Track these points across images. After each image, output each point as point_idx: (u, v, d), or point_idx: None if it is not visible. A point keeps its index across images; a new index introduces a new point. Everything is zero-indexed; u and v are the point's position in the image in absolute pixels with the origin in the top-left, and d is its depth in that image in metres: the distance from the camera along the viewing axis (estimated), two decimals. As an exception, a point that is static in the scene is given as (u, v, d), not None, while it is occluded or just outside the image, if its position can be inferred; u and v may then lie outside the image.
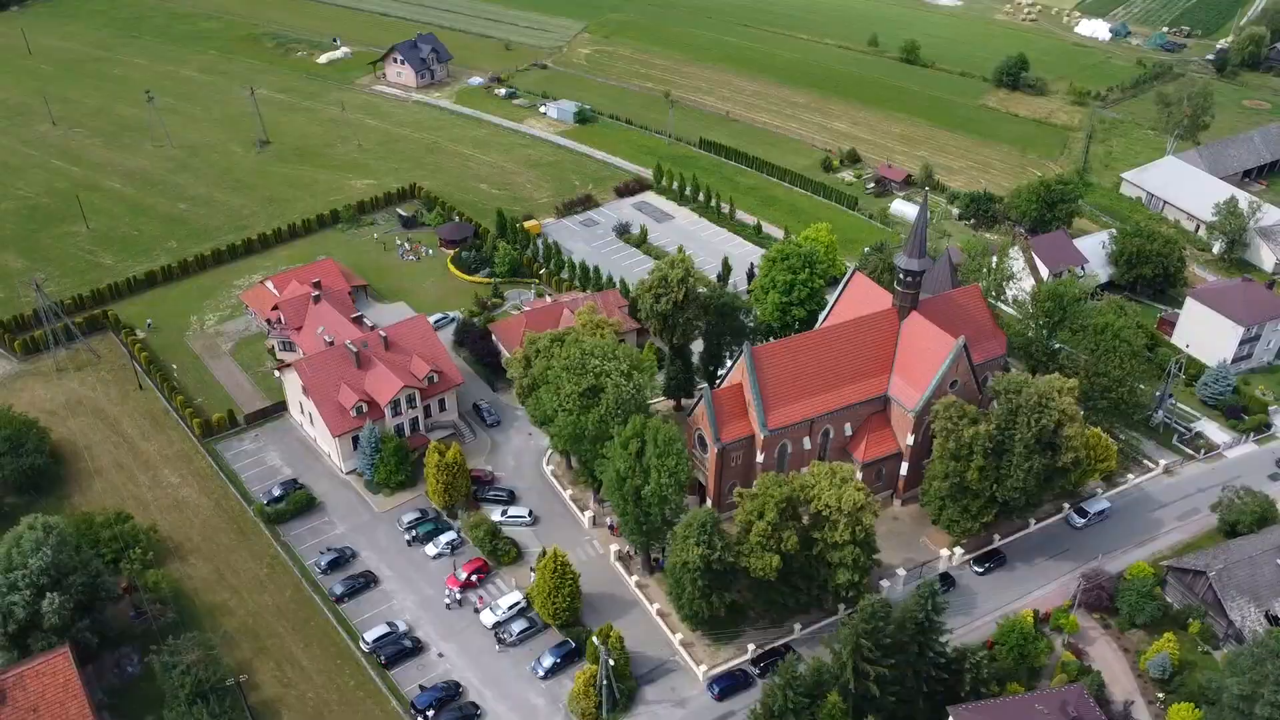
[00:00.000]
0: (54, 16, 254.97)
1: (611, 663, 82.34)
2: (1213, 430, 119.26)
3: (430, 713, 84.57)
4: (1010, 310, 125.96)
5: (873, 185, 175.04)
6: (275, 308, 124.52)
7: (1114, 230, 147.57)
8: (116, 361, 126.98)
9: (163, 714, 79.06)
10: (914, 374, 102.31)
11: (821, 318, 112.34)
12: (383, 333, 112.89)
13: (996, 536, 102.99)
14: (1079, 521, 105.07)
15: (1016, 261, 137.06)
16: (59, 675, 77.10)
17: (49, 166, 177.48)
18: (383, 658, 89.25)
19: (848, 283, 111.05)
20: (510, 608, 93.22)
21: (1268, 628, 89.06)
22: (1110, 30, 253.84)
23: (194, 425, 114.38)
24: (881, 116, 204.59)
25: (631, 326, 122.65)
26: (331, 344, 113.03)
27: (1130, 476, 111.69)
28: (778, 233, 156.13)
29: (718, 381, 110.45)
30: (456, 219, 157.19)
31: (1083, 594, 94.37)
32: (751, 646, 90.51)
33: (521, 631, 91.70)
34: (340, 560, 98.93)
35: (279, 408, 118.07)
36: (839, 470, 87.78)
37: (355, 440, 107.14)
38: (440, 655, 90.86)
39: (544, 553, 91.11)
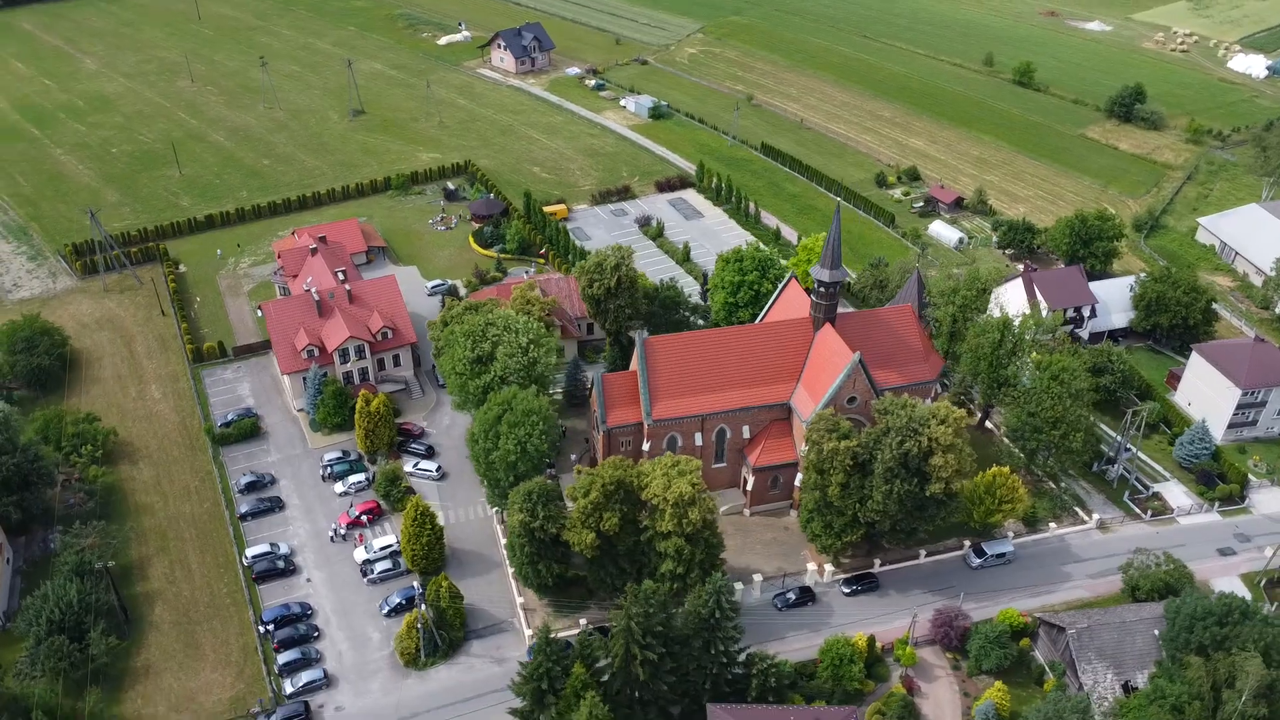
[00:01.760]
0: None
1: (429, 611, 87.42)
2: (1177, 493, 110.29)
3: (273, 626, 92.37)
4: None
5: (920, 204, 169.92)
6: (279, 255, 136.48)
7: (1143, 274, 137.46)
8: (154, 289, 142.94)
9: (47, 583, 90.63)
10: (816, 386, 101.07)
11: (759, 320, 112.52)
12: (347, 288, 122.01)
13: (878, 561, 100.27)
14: (975, 561, 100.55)
15: (1007, 293, 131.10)
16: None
17: (173, 117, 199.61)
18: (255, 573, 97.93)
19: (783, 288, 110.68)
20: (382, 549, 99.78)
21: (1120, 697, 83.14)
22: (1267, 68, 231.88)
23: (188, 351, 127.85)
24: (964, 137, 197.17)
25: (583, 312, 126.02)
26: (285, 291, 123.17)
27: (1053, 525, 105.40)
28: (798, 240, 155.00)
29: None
30: (491, 196, 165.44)
31: (933, 631, 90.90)
32: (583, 621, 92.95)
33: (384, 571, 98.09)
34: (257, 484, 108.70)
35: (266, 345, 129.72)
36: (681, 463, 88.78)
37: (305, 380, 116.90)
38: (309, 580, 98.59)
39: (413, 503, 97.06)
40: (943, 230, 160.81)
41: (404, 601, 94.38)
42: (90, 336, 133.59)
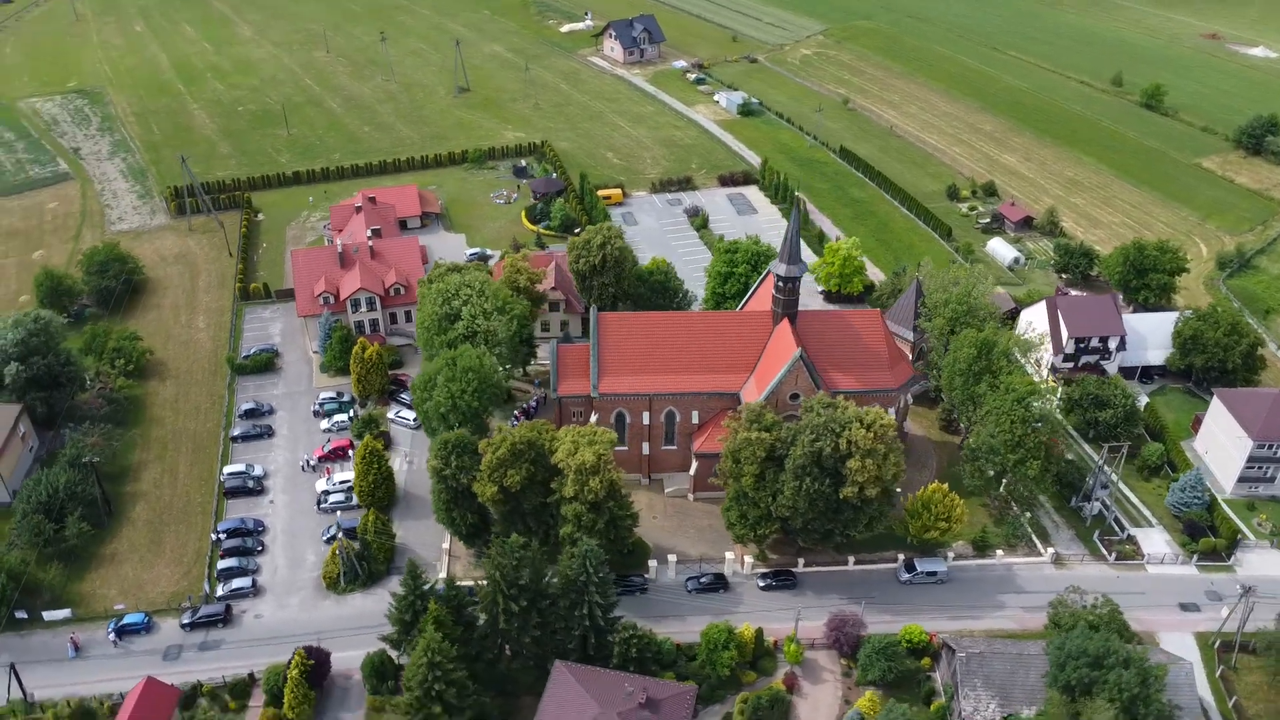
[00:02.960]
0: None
1: (355, 544, 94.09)
2: (1156, 540, 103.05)
3: (224, 535, 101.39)
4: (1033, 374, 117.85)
5: (985, 220, 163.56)
6: (331, 211, 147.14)
7: (1189, 311, 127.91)
8: (233, 233, 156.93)
9: (44, 470, 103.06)
10: (765, 379, 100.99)
11: (739, 310, 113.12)
12: (370, 244, 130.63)
13: (801, 561, 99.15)
14: (905, 576, 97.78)
15: (1032, 316, 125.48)
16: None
17: (299, 83, 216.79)
18: (226, 488, 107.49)
19: (761, 282, 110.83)
20: (340, 483, 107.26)
21: (995, 730, 79.79)
22: None
23: (237, 290, 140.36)
24: (1063, 156, 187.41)
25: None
26: (330, 243, 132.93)
27: (999, 552, 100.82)
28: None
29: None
30: (553, 175, 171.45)
31: (826, 634, 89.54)
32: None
33: (335, 503, 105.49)
34: (255, 411, 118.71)
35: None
36: (591, 433, 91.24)
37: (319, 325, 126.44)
38: (271, 502, 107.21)
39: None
40: (999, 248, 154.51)
41: (342, 532, 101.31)
42: (164, 268, 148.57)
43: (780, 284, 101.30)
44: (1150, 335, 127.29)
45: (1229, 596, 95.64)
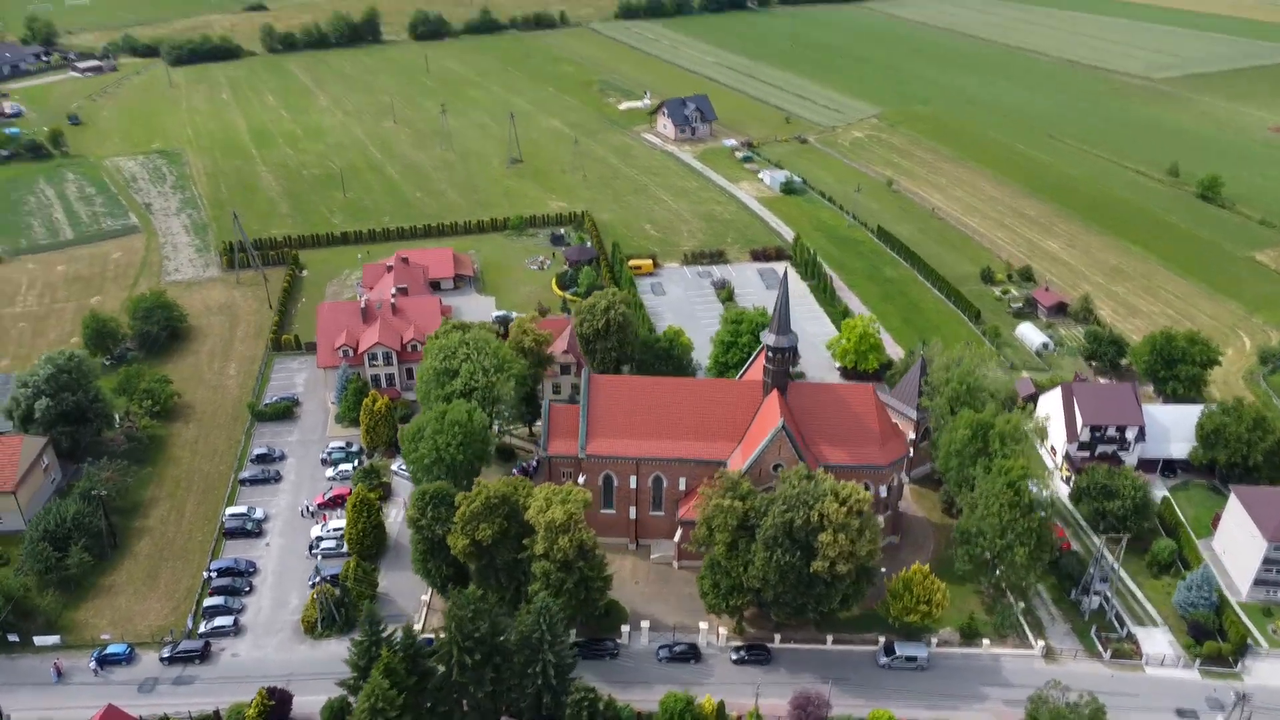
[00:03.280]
0: (465, 48, 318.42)
1: (327, 588, 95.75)
2: (1159, 641, 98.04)
3: (216, 574, 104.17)
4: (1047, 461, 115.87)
5: (1018, 305, 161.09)
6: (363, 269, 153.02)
7: (1214, 405, 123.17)
8: (277, 287, 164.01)
9: (58, 500, 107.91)
10: (750, 449, 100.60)
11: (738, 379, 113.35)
12: (392, 301, 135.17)
13: (778, 637, 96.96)
14: (883, 659, 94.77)
15: (1047, 402, 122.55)
16: (8, 447, 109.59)
17: (363, 150, 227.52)
18: (226, 528, 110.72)
19: (759, 352, 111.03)
20: (333, 530, 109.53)
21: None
22: None
23: (270, 341, 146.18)
24: (1108, 244, 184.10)
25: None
26: (355, 299, 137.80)
27: (987, 642, 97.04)
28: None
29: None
30: (588, 244, 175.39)
31: (790, 712, 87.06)
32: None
33: (328, 550, 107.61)
34: (267, 456, 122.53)
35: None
36: (565, 491, 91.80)
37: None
38: (267, 545, 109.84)
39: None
40: (1029, 333, 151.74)
41: (328, 578, 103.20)
42: (207, 317, 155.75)
43: (770, 354, 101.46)
44: (1174, 427, 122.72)
45: (1230, 706, 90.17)
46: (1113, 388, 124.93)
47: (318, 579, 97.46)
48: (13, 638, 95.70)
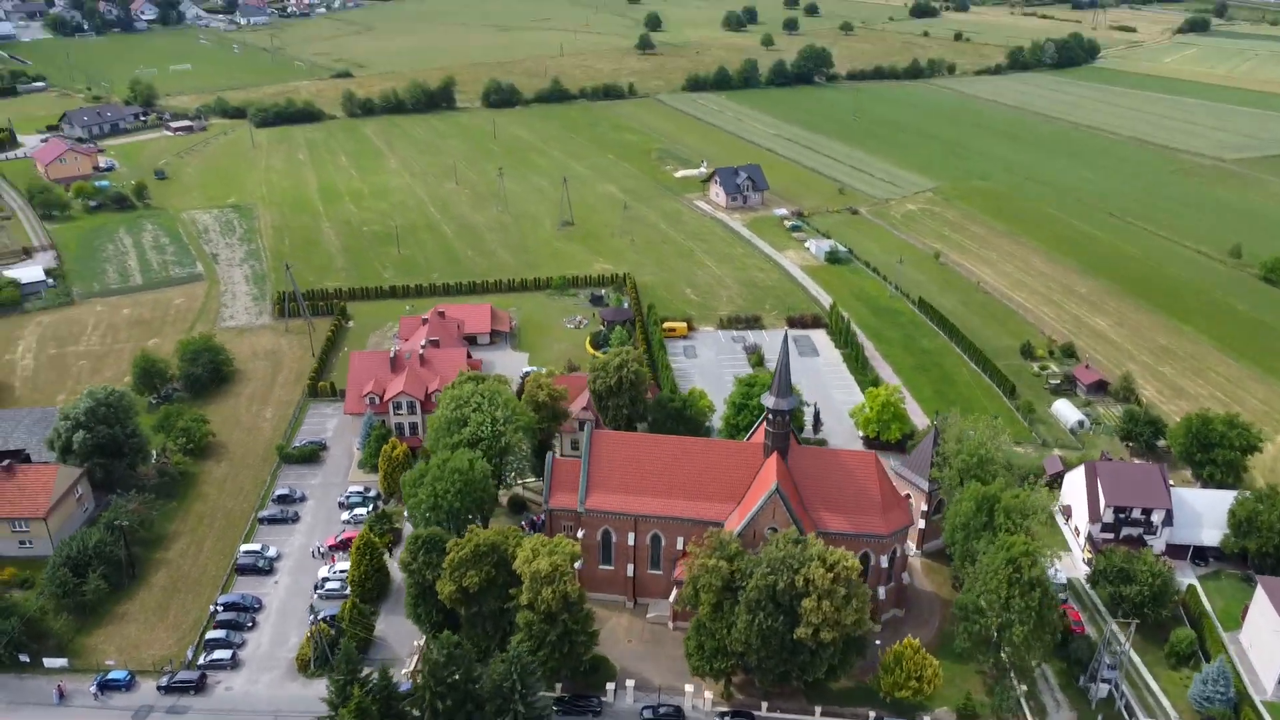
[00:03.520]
0: (533, 116, 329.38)
1: (323, 628, 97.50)
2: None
3: (222, 608, 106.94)
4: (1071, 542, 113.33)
5: (1055, 382, 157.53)
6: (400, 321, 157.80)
7: (1248, 492, 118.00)
8: (322, 336, 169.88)
9: (82, 529, 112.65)
10: (747, 511, 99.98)
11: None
12: (421, 352, 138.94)
13: (765, 705, 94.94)
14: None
15: (1070, 480, 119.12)
16: (44, 475, 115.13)
17: (422, 209, 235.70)
18: (238, 564, 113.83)
19: (764, 418, 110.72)
20: (340, 572, 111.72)
21: None
22: None
23: (307, 387, 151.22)
24: (1159, 323, 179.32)
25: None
26: (388, 350, 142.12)
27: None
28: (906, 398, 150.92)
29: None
30: (626, 305, 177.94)
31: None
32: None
33: (331, 591, 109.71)
34: (288, 497, 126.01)
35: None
36: (553, 543, 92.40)
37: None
38: (276, 582, 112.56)
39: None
40: (1064, 410, 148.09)
41: (327, 618, 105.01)
42: (253, 362, 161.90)
43: (771, 416, 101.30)
44: (1206, 513, 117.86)
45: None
46: (1139, 468, 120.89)
47: (313, 618, 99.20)
48: (24, 658, 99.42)
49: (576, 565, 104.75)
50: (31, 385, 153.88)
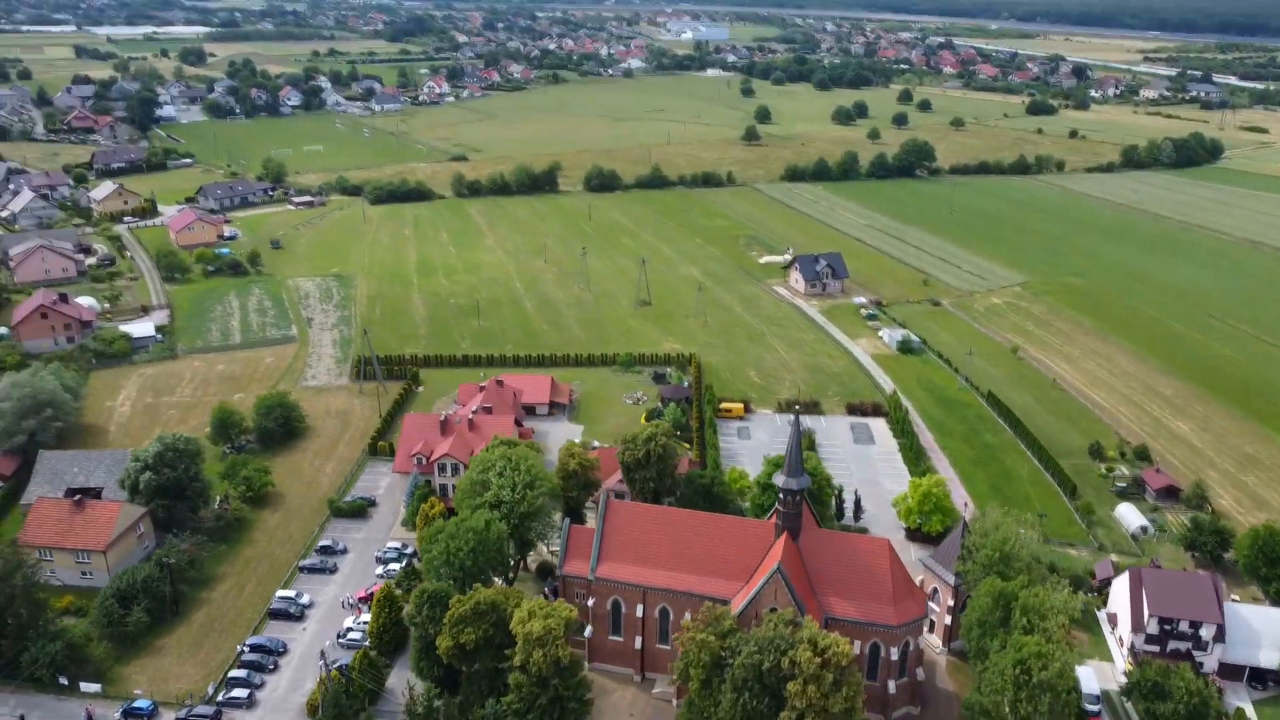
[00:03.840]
0: (630, 200, 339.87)
1: (335, 675, 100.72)
2: None
3: (248, 649, 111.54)
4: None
5: (1122, 485, 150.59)
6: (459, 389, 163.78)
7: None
8: (391, 398, 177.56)
9: (143, 564, 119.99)
10: (751, 590, 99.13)
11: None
12: (470, 417, 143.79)
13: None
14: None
15: (1115, 588, 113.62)
16: (107, 511, 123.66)
17: (508, 284, 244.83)
18: (271, 609, 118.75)
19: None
20: (363, 623, 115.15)
21: None
22: None
23: (367, 445, 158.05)
24: (1248, 429, 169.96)
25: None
26: (442, 415, 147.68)
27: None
28: (957, 491, 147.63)
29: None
30: (686, 384, 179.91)
31: None
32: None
33: (352, 641, 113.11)
34: (329, 549, 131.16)
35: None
36: (550, 607, 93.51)
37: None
38: (304, 629, 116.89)
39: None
40: (1127, 514, 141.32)
41: (341, 667, 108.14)
42: (323, 420, 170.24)
43: (782, 496, 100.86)
44: (1267, 632, 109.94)
45: None
46: (1189, 577, 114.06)
47: (323, 664, 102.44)
48: (63, 680, 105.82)
49: (586, 633, 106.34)
50: (124, 430, 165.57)
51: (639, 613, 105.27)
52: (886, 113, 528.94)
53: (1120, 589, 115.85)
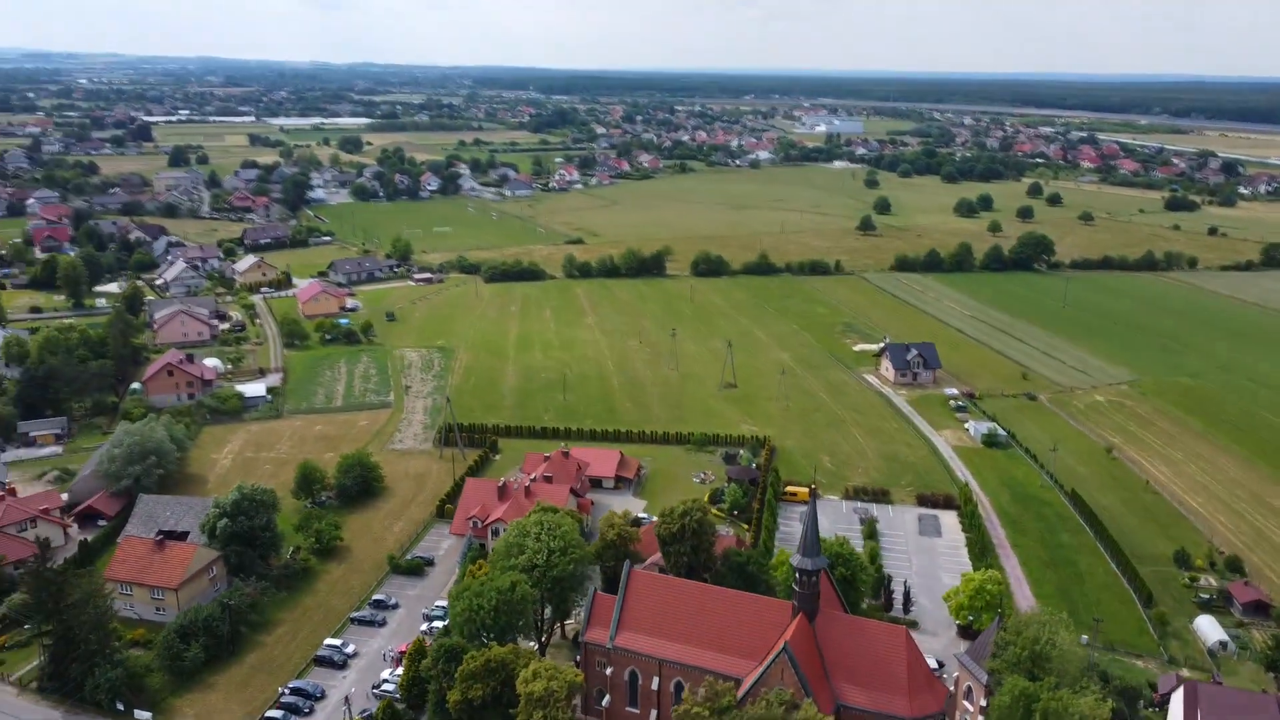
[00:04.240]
0: (734, 285, 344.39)
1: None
2: None
3: (288, 692, 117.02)
4: None
5: (1207, 596, 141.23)
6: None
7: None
8: (468, 464, 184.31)
9: (210, 604, 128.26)
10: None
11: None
12: (528, 484, 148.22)
13: None
14: None
15: (1172, 706, 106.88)
16: (184, 553, 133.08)
17: (599, 361, 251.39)
18: (317, 657, 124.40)
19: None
20: (397, 675, 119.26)
21: None
22: None
23: (435, 508, 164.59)
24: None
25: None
26: (501, 481, 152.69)
27: None
28: (1022, 590, 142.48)
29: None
30: (754, 466, 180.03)
31: None
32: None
33: (385, 690, 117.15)
34: (383, 604, 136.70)
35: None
36: (554, 669, 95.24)
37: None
38: (345, 677, 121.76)
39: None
40: (1207, 627, 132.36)
41: (361, 713, 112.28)
42: (402, 482, 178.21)
43: (798, 576, 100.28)
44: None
45: None
46: (1251, 697, 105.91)
47: (346, 710, 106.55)
48: (120, 706, 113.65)
49: (604, 703, 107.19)
50: (222, 481, 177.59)
51: (654, 685, 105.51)
52: (1012, 206, 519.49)
53: (1176, 705, 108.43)
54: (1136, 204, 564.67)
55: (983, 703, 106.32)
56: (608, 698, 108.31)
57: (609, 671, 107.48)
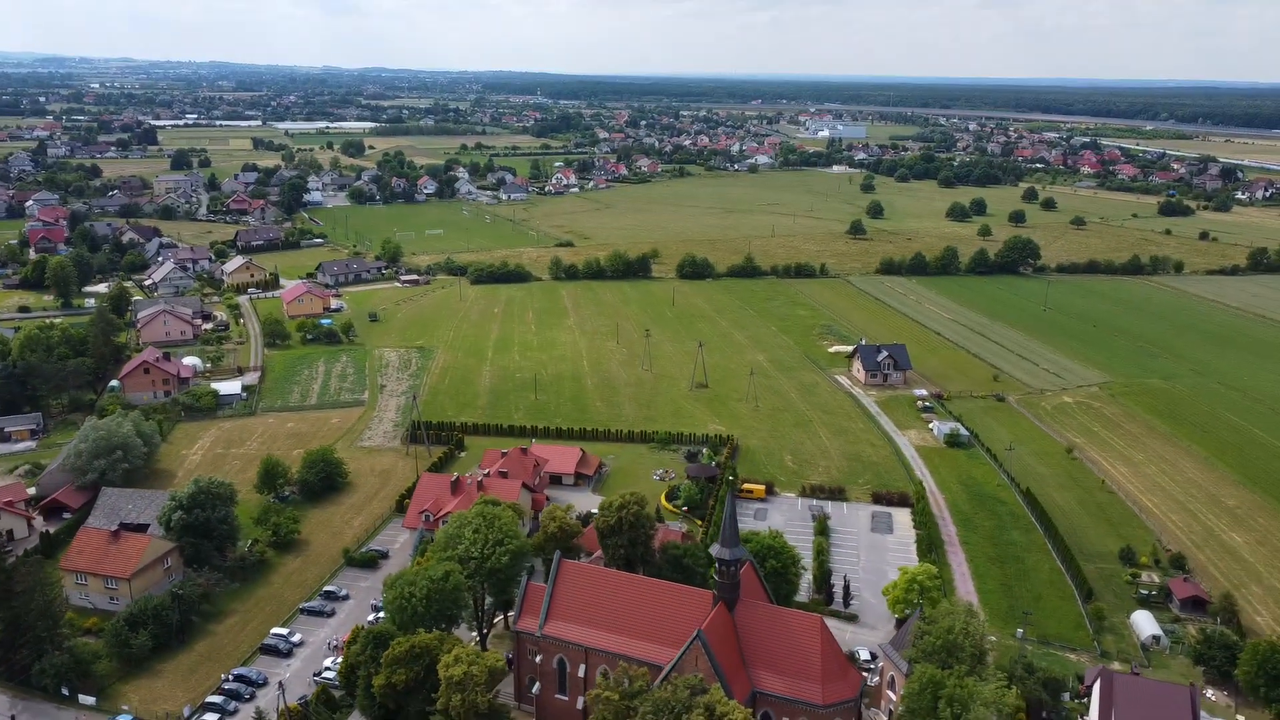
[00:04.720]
0: (717, 288, 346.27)
1: (294, 707, 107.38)
2: None
3: (231, 679, 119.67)
4: None
5: (1146, 592, 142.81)
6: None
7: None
8: (432, 461, 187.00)
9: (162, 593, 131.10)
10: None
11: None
12: (480, 480, 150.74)
13: None
14: None
15: (1093, 699, 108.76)
16: (137, 544, 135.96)
17: (575, 362, 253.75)
18: (263, 645, 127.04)
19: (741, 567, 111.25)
20: (338, 663, 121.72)
21: None
22: None
23: (395, 502, 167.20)
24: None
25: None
26: (454, 476, 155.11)
27: None
28: (965, 585, 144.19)
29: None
30: (713, 464, 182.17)
31: None
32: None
33: (325, 678, 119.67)
34: (333, 595, 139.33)
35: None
36: (474, 654, 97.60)
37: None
38: (289, 665, 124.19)
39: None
40: (1142, 621, 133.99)
41: (301, 699, 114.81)
42: (367, 478, 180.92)
43: (718, 566, 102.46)
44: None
45: None
46: (1166, 689, 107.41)
47: (280, 694, 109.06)
48: (65, 691, 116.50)
49: (534, 690, 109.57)
50: (189, 475, 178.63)
51: (581, 672, 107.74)
52: (1006, 210, 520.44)
53: (1095, 696, 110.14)
54: (1132, 209, 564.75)
55: (903, 691, 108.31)
56: (538, 685, 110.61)
57: (539, 659, 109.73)
